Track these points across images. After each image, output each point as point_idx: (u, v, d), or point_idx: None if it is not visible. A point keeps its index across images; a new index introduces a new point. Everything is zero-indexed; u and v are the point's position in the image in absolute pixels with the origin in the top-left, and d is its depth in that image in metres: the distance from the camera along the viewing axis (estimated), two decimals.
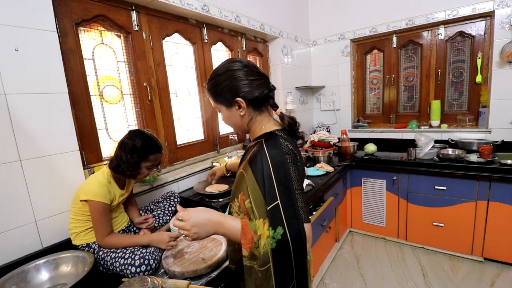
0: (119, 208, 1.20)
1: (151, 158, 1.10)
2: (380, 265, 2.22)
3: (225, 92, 0.79)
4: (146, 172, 1.13)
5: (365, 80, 3.06)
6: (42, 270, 0.97)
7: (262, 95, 0.79)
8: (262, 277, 0.68)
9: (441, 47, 2.58)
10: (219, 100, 0.82)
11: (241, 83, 0.77)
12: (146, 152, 1.08)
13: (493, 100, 2.32)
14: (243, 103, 0.78)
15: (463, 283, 1.94)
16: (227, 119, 0.84)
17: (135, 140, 1.07)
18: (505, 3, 2.17)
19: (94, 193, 1.01)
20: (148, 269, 0.95)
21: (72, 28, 1.24)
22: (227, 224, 0.72)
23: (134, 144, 1.06)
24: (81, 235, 1.07)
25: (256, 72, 0.81)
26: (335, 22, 2.97)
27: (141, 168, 1.10)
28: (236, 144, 2.26)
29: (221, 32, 2.10)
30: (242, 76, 0.78)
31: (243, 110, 0.79)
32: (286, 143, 0.75)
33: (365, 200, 2.58)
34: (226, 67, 0.81)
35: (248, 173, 0.73)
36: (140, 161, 1.08)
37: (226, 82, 0.78)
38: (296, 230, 0.67)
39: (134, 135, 1.09)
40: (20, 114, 1.02)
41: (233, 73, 0.78)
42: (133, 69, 1.53)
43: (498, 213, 1.99)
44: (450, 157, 2.18)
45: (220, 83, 0.80)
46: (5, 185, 1.00)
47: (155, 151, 1.12)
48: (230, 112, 0.81)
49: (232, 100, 0.78)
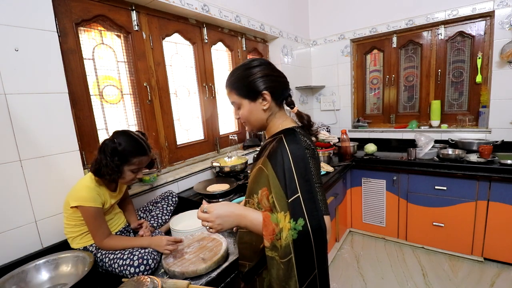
0: (114, 209, 1.17)
1: (134, 161, 1.03)
2: (380, 265, 2.22)
3: (252, 85, 0.81)
4: (131, 176, 1.05)
5: (365, 80, 3.06)
6: (42, 270, 0.97)
7: (285, 92, 0.86)
8: (284, 268, 0.70)
9: (441, 47, 2.58)
10: (243, 93, 0.84)
11: (268, 78, 0.82)
12: (128, 155, 1.01)
13: (493, 100, 2.32)
14: (268, 96, 0.81)
15: (463, 283, 1.94)
16: (249, 113, 0.85)
17: (116, 142, 1.00)
18: (505, 3, 2.17)
19: (83, 199, 0.98)
20: (147, 269, 0.95)
21: (72, 28, 1.24)
22: (249, 216, 0.74)
23: (115, 146, 0.98)
24: (77, 239, 1.05)
25: (278, 70, 0.86)
26: (335, 22, 2.97)
27: (123, 172, 1.03)
28: (236, 144, 2.26)
29: (221, 32, 2.10)
30: (269, 72, 0.83)
31: (268, 103, 0.82)
32: (305, 139, 0.79)
33: (365, 200, 2.58)
34: (253, 63, 0.84)
35: (268, 168, 0.76)
36: (122, 165, 1.01)
37: (254, 76, 0.81)
38: (317, 221, 0.69)
39: (117, 136, 1.02)
40: (20, 114, 1.02)
41: (261, 68, 0.83)
42: (133, 69, 1.53)
43: (498, 213, 1.99)
44: (450, 157, 2.18)
45: (248, 77, 0.82)
46: (5, 185, 1.00)
47: (139, 154, 1.03)
48: (254, 106, 0.83)
49: (258, 93, 0.81)
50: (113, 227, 1.14)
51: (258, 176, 0.81)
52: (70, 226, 1.04)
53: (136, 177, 1.08)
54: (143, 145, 1.05)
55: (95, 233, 1.02)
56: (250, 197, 0.85)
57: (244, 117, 0.86)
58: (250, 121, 0.87)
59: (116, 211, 1.20)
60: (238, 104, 0.86)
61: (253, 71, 0.82)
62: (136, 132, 1.10)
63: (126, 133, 1.05)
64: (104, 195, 1.06)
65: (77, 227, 1.04)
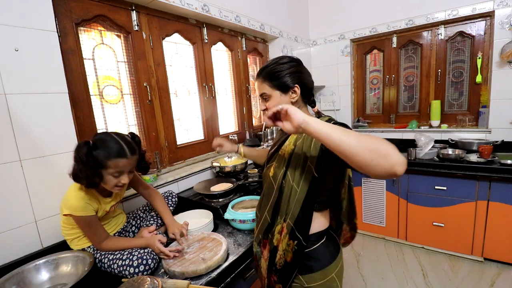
0: (113, 212, 1.15)
1: (109, 164, 0.92)
2: (380, 265, 2.22)
3: (287, 78, 0.89)
4: (114, 181, 0.96)
5: (365, 80, 3.06)
6: (42, 270, 0.97)
7: (311, 90, 0.95)
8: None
9: (441, 47, 2.58)
10: (276, 85, 0.90)
11: (298, 75, 0.91)
12: (103, 158, 0.92)
13: (493, 100, 2.32)
14: (298, 89, 0.90)
15: (463, 283, 1.94)
16: (278, 101, 0.90)
17: (90, 144, 0.93)
18: (505, 3, 2.17)
19: (73, 208, 0.95)
20: (146, 269, 0.95)
21: (72, 28, 1.24)
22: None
23: (87, 149, 0.91)
24: (75, 241, 1.05)
25: (307, 70, 0.95)
26: (335, 22, 2.97)
27: (102, 177, 0.95)
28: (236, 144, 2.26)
29: (221, 32, 2.10)
30: (302, 69, 0.93)
31: (297, 96, 0.90)
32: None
33: (365, 200, 2.58)
34: (285, 59, 0.92)
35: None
36: (99, 169, 0.93)
37: (290, 70, 0.90)
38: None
39: (94, 138, 0.96)
40: (20, 114, 1.02)
41: (295, 64, 0.91)
42: (133, 69, 1.53)
43: (498, 213, 1.99)
44: (450, 157, 2.18)
45: (281, 71, 0.89)
46: (5, 185, 1.00)
47: (115, 156, 0.93)
48: (284, 98, 0.90)
49: (291, 85, 0.89)
50: (111, 228, 1.13)
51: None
52: (67, 229, 1.04)
53: (121, 182, 0.97)
54: (120, 147, 0.94)
55: (91, 238, 1.01)
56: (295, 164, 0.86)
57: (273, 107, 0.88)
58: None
59: (116, 213, 1.18)
60: (268, 95, 0.92)
61: (286, 66, 0.90)
62: (121, 133, 1.01)
63: (104, 134, 0.98)
64: (95, 202, 1.01)
65: (74, 229, 1.04)
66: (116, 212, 1.18)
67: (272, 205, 0.91)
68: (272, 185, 0.92)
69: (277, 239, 0.89)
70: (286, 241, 0.86)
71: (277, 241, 0.89)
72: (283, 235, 0.87)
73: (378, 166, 0.59)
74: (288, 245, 0.86)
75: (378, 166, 0.59)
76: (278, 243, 0.89)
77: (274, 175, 0.92)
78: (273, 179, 0.92)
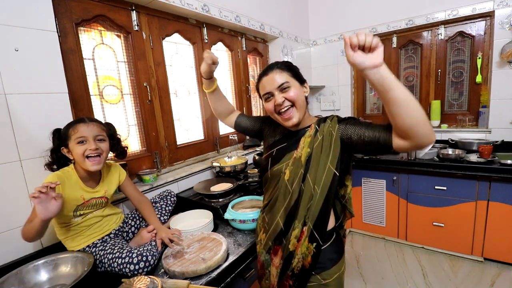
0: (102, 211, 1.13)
1: (70, 132, 1.00)
2: (380, 265, 2.21)
3: (300, 73, 0.99)
4: (81, 148, 0.99)
5: (365, 80, 3.05)
6: (41, 271, 0.96)
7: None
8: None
9: (441, 47, 2.58)
10: (295, 75, 0.95)
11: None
12: (64, 132, 1.01)
13: (493, 100, 2.32)
14: (307, 85, 1.00)
15: (463, 283, 1.94)
16: (299, 92, 0.93)
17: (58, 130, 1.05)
18: (505, 3, 2.17)
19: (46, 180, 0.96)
20: (147, 266, 0.95)
21: (72, 28, 1.24)
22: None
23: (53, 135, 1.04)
24: (68, 241, 1.04)
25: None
26: (335, 22, 2.97)
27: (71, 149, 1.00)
28: (236, 144, 2.26)
29: (221, 32, 2.10)
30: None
31: (307, 91, 0.99)
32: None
33: (365, 200, 2.58)
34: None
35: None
36: (65, 143, 1.01)
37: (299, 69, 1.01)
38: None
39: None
40: (20, 114, 1.02)
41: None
42: (133, 69, 1.53)
43: (498, 213, 1.99)
44: (450, 157, 2.18)
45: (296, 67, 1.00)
46: (5, 185, 1.00)
47: (73, 123, 1.02)
48: (300, 89, 0.95)
49: (303, 80, 0.98)
50: (104, 228, 1.11)
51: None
52: (57, 228, 1.03)
53: (89, 148, 0.99)
54: (80, 118, 1.06)
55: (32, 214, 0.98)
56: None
57: (295, 95, 0.91)
58: (298, 102, 0.91)
59: (108, 213, 1.15)
60: (289, 85, 0.91)
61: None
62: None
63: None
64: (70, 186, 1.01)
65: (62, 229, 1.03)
66: (108, 212, 1.15)
67: (287, 210, 0.90)
68: (288, 189, 0.90)
69: (293, 244, 0.88)
70: (306, 245, 0.86)
71: (293, 246, 0.88)
72: (303, 238, 0.87)
73: (423, 129, 0.66)
74: (307, 248, 0.86)
75: (423, 129, 0.66)
76: (296, 248, 0.88)
77: (291, 178, 0.90)
78: (290, 183, 0.90)
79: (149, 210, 1.25)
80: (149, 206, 1.27)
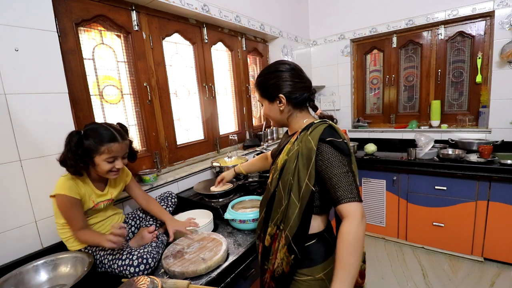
0: (105, 211, 1.14)
1: (103, 149, 0.98)
2: (380, 265, 2.22)
3: (271, 88, 0.92)
4: (108, 166, 1.00)
5: (365, 80, 3.06)
6: (41, 271, 0.96)
7: (301, 97, 0.92)
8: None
9: (441, 47, 2.58)
10: (264, 94, 0.95)
11: (286, 83, 0.90)
12: (96, 144, 0.98)
13: (493, 100, 2.32)
14: (283, 99, 0.90)
15: (463, 283, 1.94)
16: (268, 111, 0.97)
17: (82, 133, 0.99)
18: (505, 3, 2.17)
19: (59, 187, 0.98)
20: (147, 268, 0.95)
21: (72, 28, 1.24)
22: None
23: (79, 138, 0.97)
24: (70, 241, 1.05)
25: (300, 76, 0.93)
26: (335, 22, 2.97)
27: (97, 163, 1.00)
28: (236, 144, 2.26)
29: (221, 32, 2.10)
30: (287, 77, 0.91)
31: (283, 105, 0.92)
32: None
33: (365, 200, 2.58)
34: (275, 67, 0.94)
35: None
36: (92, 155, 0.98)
37: (274, 81, 0.91)
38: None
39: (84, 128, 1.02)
40: (20, 114, 1.02)
41: (280, 74, 0.91)
42: (133, 69, 1.53)
43: (498, 213, 1.99)
44: (450, 157, 2.18)
45: (268, 81, 0.93)
46: (5, 185, 1.00)
47: (107, 141, 0.99)
48: (272, 106, 0.95)
49: (275, 96, 0.92)
50: (105, 228, 1.12)
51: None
52: (61, 227, 1.04)
53: (116, 167, 1.03)
54: (111, 133, 1.01)
55: (70, 222, 1.00)
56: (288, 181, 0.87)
57: (265, 114, 0.99)
58: (270, 118, 0.99)
59: (110, 214, 1.16)
60: (261, 102, 0.98)
61: (271, 76, 0.92)
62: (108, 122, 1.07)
63: (94, 124, 1.04)
64: (84, 189, 1.03)
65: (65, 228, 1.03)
66: (110, 213, 1.17)
67: (264, 206, 0.96)
68: (269, 188, 0.96)
69: (267, 241, 0.92)
70: (284, 252, 0.87)
71: (268, 242, 0.92)
72: (281, 245, 0.87)
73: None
74: (287, 257, 0.87)
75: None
76: (273, 248, 0.91)
77: (271, 181, 0.95)
78: (271, 184, 0.95)
79: (158, 207, 1.27)
80: (157, 203, 1.29)
